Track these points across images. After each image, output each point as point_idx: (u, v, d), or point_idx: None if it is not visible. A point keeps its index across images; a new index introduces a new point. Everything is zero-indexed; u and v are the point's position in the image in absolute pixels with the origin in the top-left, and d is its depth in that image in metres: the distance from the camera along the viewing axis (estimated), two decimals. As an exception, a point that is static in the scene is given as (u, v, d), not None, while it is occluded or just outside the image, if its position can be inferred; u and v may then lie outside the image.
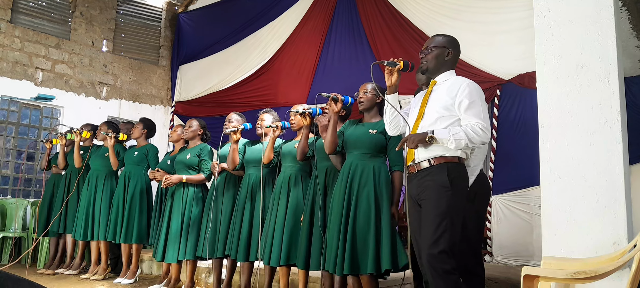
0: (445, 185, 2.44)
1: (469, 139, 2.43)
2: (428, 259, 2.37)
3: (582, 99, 2.46)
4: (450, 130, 2.45)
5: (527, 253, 5.23)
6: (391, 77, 2.66)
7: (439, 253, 2.33)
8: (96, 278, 4.94)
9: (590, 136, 2.41)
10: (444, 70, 2.65)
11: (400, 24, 6.32)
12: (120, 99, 8.08)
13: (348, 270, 2.90)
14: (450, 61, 2.65)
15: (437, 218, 2.38)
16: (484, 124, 2.45)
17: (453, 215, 2.41)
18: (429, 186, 2.48)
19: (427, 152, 2.51)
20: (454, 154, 2.49)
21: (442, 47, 2.63)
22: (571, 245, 2.40)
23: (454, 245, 2.38)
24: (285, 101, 7.08)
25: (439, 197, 2.43)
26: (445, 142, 2.44)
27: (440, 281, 2.33)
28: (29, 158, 7.23)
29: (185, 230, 4.26)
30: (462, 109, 2.48)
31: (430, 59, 2.65)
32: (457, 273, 2.37)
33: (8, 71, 6.83)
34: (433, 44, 2.66)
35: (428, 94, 2.66)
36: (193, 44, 8.33)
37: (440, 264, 2.33)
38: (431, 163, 2.50)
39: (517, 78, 5.48)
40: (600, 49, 2.45)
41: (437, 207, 2.41)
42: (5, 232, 5.93)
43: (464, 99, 2.47)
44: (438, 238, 2.35)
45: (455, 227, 2.41)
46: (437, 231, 2.36)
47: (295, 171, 3.63)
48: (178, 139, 4.79)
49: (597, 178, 2.37)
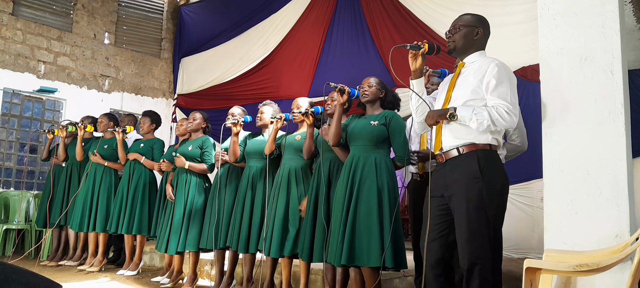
0: (475, 175, 2.29)
1: (492, 120, 2.26)
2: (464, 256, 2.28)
3: (586, 92, 2.45)
4: (474, 109, 2.29)
5: (529, 246, 5.23)
6: (415, 62, 2.50)
7: (476, 248, 2.25)
8: (92, 269, 4.96)
9: (593, 129, 2.41)
10: (473, 51, 2.49)
11: (403, 17, 6.29)
12: (123, 92, 8.08)
13: (345, 261, 2.89)
14: (480, 41, 2.50)
15: (470, 213, 2.27)
16: (510, 106, 2.27)
17: (486, 207, 2.28)
18: (457, 178, 2.35)
19: (455, 139, 2.38)
20: (485, 141, 2.34)
21: (471, 26, 2.48)
22: (573, 238, 2.40)
23: (489, 240, 2.28)
24: (288, 94, 7.07)
25: (470, 188, 2.30)
26: (466, 121, 2.29)
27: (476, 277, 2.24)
28: (31, 151, 7.25)
29: (187, 220, 4.28)
30: (489, 89, 2.32)
31: (458, 38, 2.49)
32: (490, 268, 2.30)
33: (10, 64, 6.83)
34: (461, 22, 2.50)
35: (455, 77, 2.51)
36: (195, 36, 8.32)
37: (478, 260, 2.24)
38: (460, 151, 2.37)
39: (520, 71, 5.45)
40: (604, 41, 2.43)
41: (469, 200, 2.28)
42: (9, 224, 5.95)
43: (492, 79, 2.31)
44: (474, 233, 2.26)
45: (490, 221, 2.29)
46: (471, 226, 2.26)
47: (296, 164, 3.63)
48: (184, 133, 4.78)
49: (600, 171, 2.36)
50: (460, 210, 2.33)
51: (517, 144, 3.25)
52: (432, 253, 2.45)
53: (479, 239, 2.27)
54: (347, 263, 2.91)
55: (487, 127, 2.29)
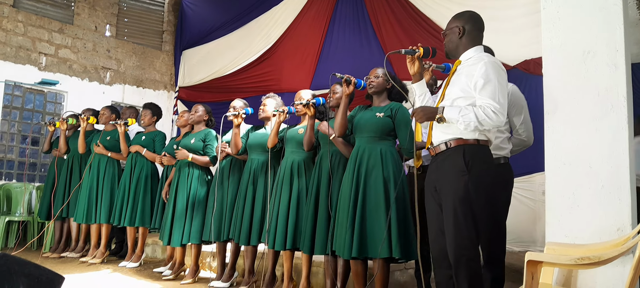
0: (461, 169, 2.32)
1: (478, 121, 2.28)
2: (450, 248, 2.30)
3: (588, 85, 2.44)
4: (461, 110, 2.31)
5: (531, 239, 5.24)
6: (413, 66, 2.54)
7: (462, 239, 2.27)
8: (94, 261, 4.98)
9: (595, 122, 2.40)
10: (464, 48, 2.50)
11: (405, 10, 6.26)
12: (124, 84, 8.07)
13: (356, 254, 2.88)
14: (468, 38, 2.49)
15: (457, 205, 2.29)
16: (497, 106, 2.27)
17: (472, 200, 2.29)
18: (446, 171, 2.38)
19: (444, 134, 2.42)
20: (472, 136, 2.36)
21: (453, 27, 2.52)
22: (575, 231, 2.40)
23: (475, 233, 2.29)
24: (289, 86, 7.06)
25: (456, 182, 2.32)
26: (455, 122, 2.32)
27: (462, 269, 2.26)
28: (33, 143, 7.26)
29: (190, 211, 4.29)
30: (477, 89, 2.33)
31: (447, 43, 2.55)
32: (478, 260, 2.32)
33: (12, 56, 6.83)
34: (447, 27, 2.56)
35: (451, 74, 2.54)
36: (196, 29, 8.29)
37: (463, 251, 2.26)
38: (448, 146, 2.40)
39: (522, 64, 5.44)
40: (607, 35, 2.43)
41: (455, 193, 2.31)
42: (11, 216, 5.97)
43: (479, 79, 2.32)
44: (459, 225, 2.27)
45: (476, 214, 2.29)
46: (457, 218, 2.28)
47: (299, 157, 3.63)
48: (185, 124, 4.80)
49: (602, 164, 2.36)
50: (447, 204, 2.35)
51: (523, 138, 3.25)
52: (438, 249, 2.47)
53: (465, 232, 2.28)
54: (357, 256, 2.90)
55: (475, 128, 2.32)
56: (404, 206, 2.96)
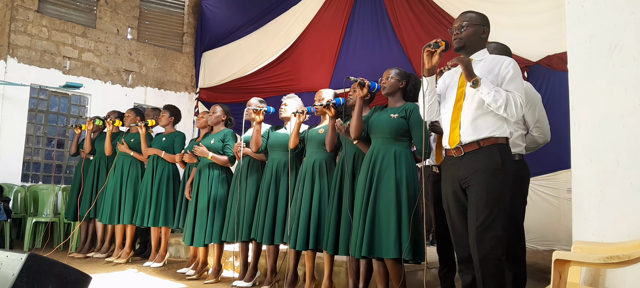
0: (498, 167, 2.38)
1: (506, 103, 2.34)
2: (479, 245, 2.32)
3: (615, 80, 2.39)
4: (494, 86, 2.38)
5: (555, 238, 5.15)
6: (431, 60, 2.51)
7: (492, 238, 2.30)
8: (119, 261, 5.06)
9: (623, 118, 2.35)
10: (479, 48, 2.57)
11: (425, 6, 6.21)
12: (146, 86, 8.18)
13: (366, 252, 2.89)
14: (485, 40, 2.60)
15: (490, 203, 2.33)
16: (523, 98, 2.41)
17: (505, 199, 2.36)
18: (479, 169, 2.40)
19: (475, 133, 2.45)
20: (503, 135, 2.44)
21: (478, 25, 2.55)
22: (603, 230, 2.35)
23: (505, 230, 2.34)
24: (308, 86, 7.07)
25: (491, 180, 2.36)
26: (484, 94, 2.36)
27: (490, 266, 2.29)
28: (59, 146, 7.40)
29: (211, 212, 4.33)
30: (506, 79, 2.42)
31: (466, 37, 2.54)
32: (504, 260, 2.35)
33: (37, 60, 6.98)
34: (467, 20, 2.55)
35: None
36: (216, 30, 8.37)
37: (492, 250, 2.30)
38: (480, 144, 2.43)
39: (545, 59, 5.35)
40: (634, 28, 2.36)
41: (490, 191, 2.35)
42: (38, 217, 6.10)
43: (510, 70, 2.42)
44: (491, 223, 2.31)
45: (507, 212, 2.37)
46: (490, 216, 2.32)
47: (320, 157, 3.63)
48: (205, 125, 4.84)
49: (630, 161, 2.30)
50: (479, 201, 2.36)
51: (536, 138, 3.17)
52: (462, 249, 2.48)
53: (495, 230, 2.32)
54: (367, 255, 2.92)
55: (500, 106, 2.35)
56: (416, 207, 2.94)
